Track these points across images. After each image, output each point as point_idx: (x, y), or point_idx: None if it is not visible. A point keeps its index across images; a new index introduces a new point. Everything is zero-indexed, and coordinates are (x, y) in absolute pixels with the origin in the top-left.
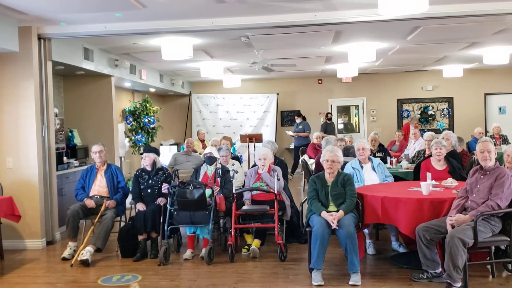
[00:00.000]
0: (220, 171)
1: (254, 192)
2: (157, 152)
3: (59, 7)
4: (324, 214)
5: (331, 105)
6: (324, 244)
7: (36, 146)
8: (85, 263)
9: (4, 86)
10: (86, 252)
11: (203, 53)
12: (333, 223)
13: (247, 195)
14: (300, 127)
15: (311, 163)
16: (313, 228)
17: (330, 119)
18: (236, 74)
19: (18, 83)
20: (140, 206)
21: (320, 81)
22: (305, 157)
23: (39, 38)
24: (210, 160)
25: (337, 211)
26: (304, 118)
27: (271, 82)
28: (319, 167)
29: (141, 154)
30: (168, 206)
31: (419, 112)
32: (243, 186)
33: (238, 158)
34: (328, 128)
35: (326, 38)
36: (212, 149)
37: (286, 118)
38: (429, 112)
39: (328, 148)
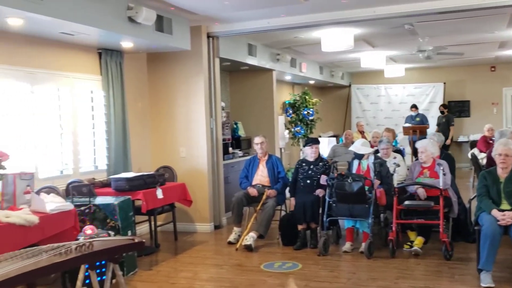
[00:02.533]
0: (376, 164)
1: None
2: (319, 142)
3: (227, 6)
4: (495, 212)
5: (506, 94)
6: (495, 245)
7: (205, 137)
8: (248, 248)
9: (178, 82)
10: (250, 238)
11: (364, 43)
12: (504, 220)
13: (420, 192)
14: (418, 119)
15: (482, 157)
16: (483, 227)
17: (442, 112)
18: (399, 63)
19: (189, 79)
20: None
21: (493, 69)
22: (475, 151)
23: (208, 37)
24: (357, 154)
25: (511, 209)
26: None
27: (437, 70)
28: (491, 161)
29: (306, 145)
30: (326, 197)
31: None
32: (405, 180)
33: (400, 151)
34: (439, 121)
35: (500, 22)
36: (356, 145)
37: (454, 108)
38: None
39: (502, 141)
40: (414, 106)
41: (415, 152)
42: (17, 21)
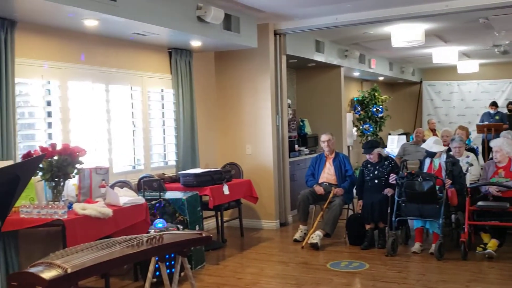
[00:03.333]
0: (448, 163)
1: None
2: (377, 144)
3: (294, 3)
4: None
5: None
6: None
7: (271, 135)
8: (314, 247)
9: (245, 79)
10: (316, 236)
11: (436, 38)
12: None
13: (491, 190)
14: (497, 117)
15: None
16: None
17: (511, 110)
18: (473, 59)
19: (256, 77)
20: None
21: None
22: None
23: (275, 34)
24: (429, 152)
25: None
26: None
27: None
28: None
29: (364, 153)
30: (395, 197)
31: None
32: (479, 180)
33: (473, 150)
34: (507, 119)
35: None
36: (428, 142)
37: None
38: None
39: None
40: (494, 104)
41: (490, 151)
42: (93, 22)
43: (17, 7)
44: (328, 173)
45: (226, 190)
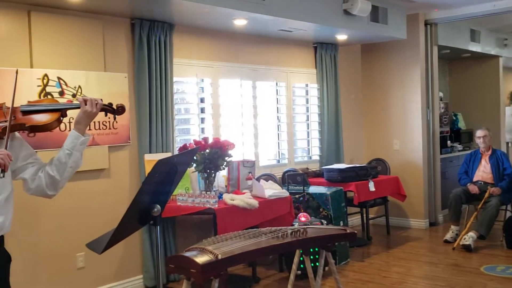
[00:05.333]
0: None
1: None
2: None
3: None
4: None
5: None
6: None
7: (421, 130)
8: (467, 249)
9: (393, 72)
10: (469, 238)
11: None
12: None
13: None
14: None
15: None
16: None
17: None
18: None
19: (405, 69)
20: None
21: None
22: None
23: (426, 24)
24: None
25: None
26: None
27: None
28: None
29: None
30: None
31: None
32: None
33: None
34: None
35: None
36: None
37: None
38: None
39: None
40: None
41: None
42: (242, 22)
43: (175, 11)
44: (483, 171)
45: (371, 186)
